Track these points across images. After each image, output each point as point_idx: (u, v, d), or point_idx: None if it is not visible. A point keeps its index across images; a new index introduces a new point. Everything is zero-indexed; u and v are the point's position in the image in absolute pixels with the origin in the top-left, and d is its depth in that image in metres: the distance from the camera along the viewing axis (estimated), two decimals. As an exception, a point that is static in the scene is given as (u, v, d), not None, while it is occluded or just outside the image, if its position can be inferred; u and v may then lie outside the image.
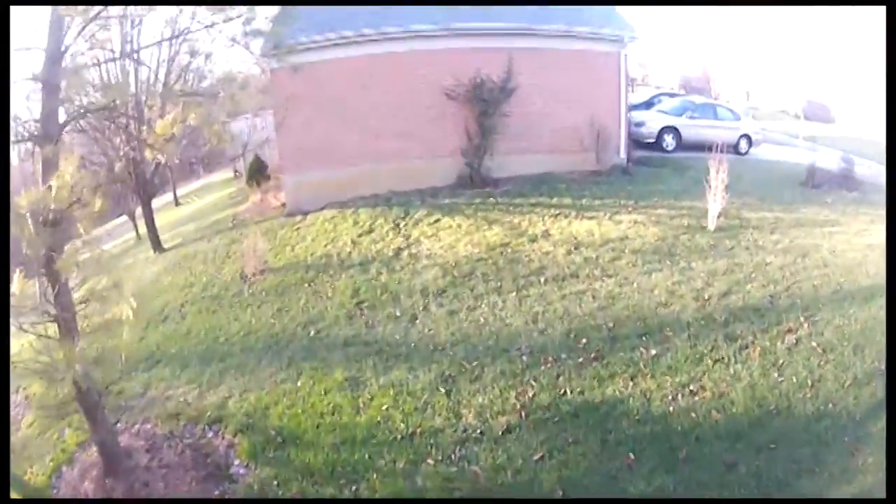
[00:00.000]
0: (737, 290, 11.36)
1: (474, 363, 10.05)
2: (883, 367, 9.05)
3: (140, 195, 18.72)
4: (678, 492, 7.71)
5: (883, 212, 14.68)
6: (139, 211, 20.17)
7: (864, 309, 10.43)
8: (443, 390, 9.56)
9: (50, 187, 7.00)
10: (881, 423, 8.19)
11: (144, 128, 8.99)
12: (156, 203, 20.01)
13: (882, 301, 10.36)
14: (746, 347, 9.88)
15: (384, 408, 9.38)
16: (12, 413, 10.52)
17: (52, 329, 7.74)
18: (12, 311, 7.15)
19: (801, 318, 10.38)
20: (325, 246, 14.93)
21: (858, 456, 7.89)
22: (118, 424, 9.80)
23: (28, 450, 9.50)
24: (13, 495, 9.04)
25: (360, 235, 15.13)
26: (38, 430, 10.22)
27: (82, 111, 8.91)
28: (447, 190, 17.33)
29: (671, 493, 7.71)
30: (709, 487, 7.75)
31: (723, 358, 9.71)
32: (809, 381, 9.11)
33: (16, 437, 9.86)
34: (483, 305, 11.61)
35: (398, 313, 11.72)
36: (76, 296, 7.83)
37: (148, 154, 8.97)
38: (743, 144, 22.03)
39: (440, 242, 14.28)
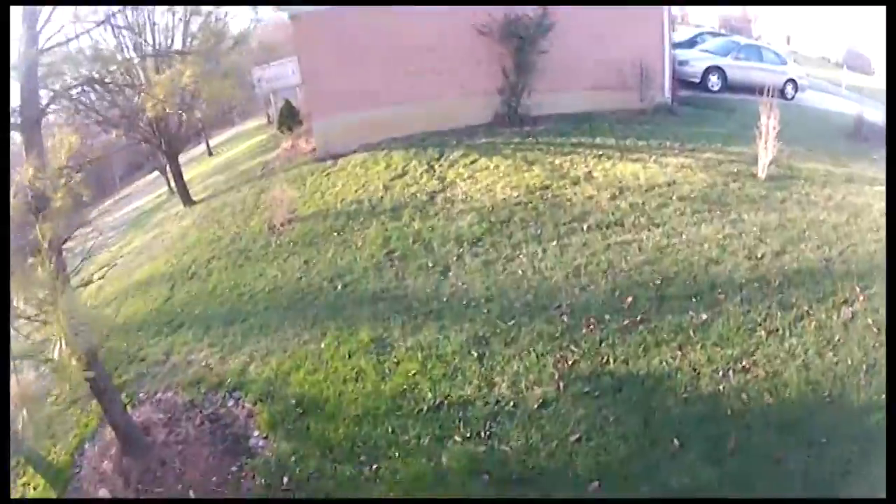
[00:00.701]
0: (791, 250, 10.13)
1: (510, 322, 9.07)
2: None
3: (165, 151, 17.77)
4: (723, 489, 6.75)
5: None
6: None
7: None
8: (475, 354, 8.63)
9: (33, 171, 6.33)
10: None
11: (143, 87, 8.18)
12: (190, 154, 19.07)
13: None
14: (801, 319, 8.72)
15: (411, 374, 8.51)
16: (40, 386, 9.98)
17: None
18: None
19: (857, 289, 9.13)
20: (356, 191, 13.77)
21: None
22: (140, 394, 9.35)
23: (52, 427, 9.09)
24: (36, 477, 8.76)
25: (392, 179, 13.91)
26: (63, 405, 9.62)
27: (77, 83, 8.14)
28: (484, 129, 15.90)
29: (715, 489, 6.75)
30: (753, 486, 6.78)
31: (777, 329, 8.58)
32: (864, 366, 7.94)
33: (41, 414, 9.25)
34: (521, 256, 10.55)
35: (430, 264, 10.72)
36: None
37: (150, 112, 8.08)
38: (789, 89, 20.25)
39: (477, 185, 13.07)
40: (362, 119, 15.70)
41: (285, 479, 7.54)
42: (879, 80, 27.64)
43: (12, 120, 6.62)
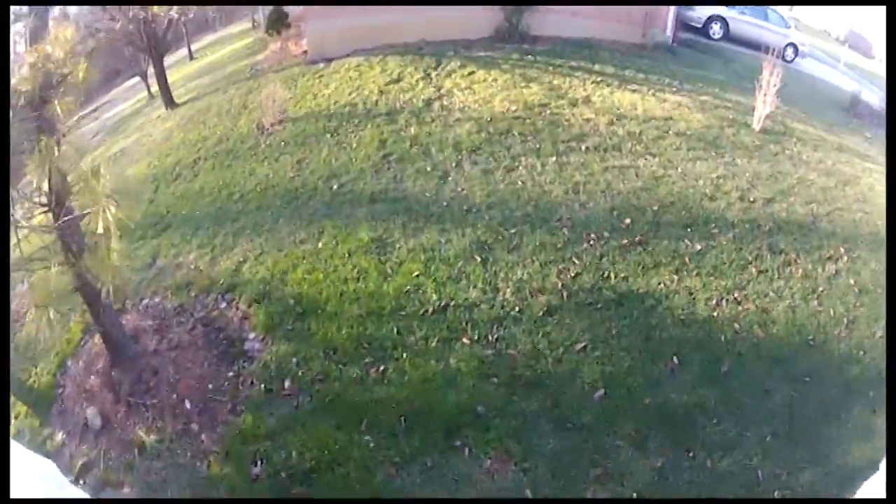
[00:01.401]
0: (780, 200, 10.44)
1: (512, 230, 9.11)
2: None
3: (151, 53, 16.89)
4: (717, 408, 7.11)
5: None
6: (151, 70, 18.37)
7: (898, 261, 9.53)
8: (478, 259, 8.64)
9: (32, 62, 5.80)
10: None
11: None
12: (169, 59, 18.15)
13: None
14: (789, 265, 9.08)
15: (414, 275, 8.43)
16: (17, 305, 9.40)
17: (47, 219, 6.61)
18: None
19: (842, 249, 9.55)
20: (350, 94, 13.33)
21: (879, 415, 7.29)
22: (126, 301, 8.77)
23: (31, 347, 8.56)
24: (17, 404, 8.26)
25: (387, 84, 13.51)
26: (40, 322, 9.00)
27: None
28: (482, 43, 15.55)
29: (711, 408, 7.10)
30: (746, 411, 7.16)
31: (766, 270, 8.92)
32: (845, 320, 8.39)
33: (19, 336, 8.81)
34: (520, 168, 10.52)
35: (429, 168, 10.56)
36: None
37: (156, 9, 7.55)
38: (789, 52, 20.51)
39: (474, 96, 12.85)
40: (358, 23, 15.19)
41: (287, 383, 7.35)
42: (878, 65, 28.20)
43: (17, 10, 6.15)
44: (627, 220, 9.41)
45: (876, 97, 18.65)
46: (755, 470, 6.63)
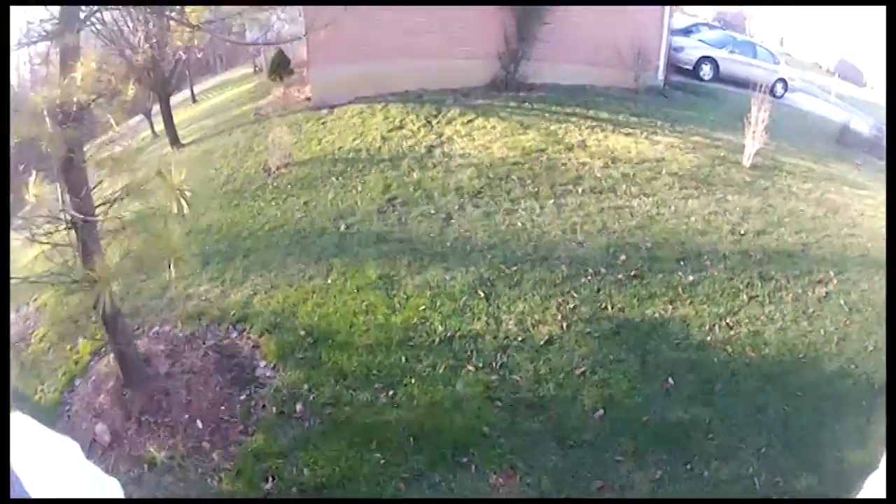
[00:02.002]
0: (771, 231, 11.05)
1: (513, 268, 9.67)
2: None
3: (158, 92, 17.62)
4: (713, 425, 7.57)
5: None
6: (155, 109, 19.11)
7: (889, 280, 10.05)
8: (482, 294, 9.19)
9: (73, 78, 6.21)
10: (896, 396, 8.09)
11: (173, 14, 8.08)
12: (172, 101, 18.91)
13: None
14: (780, 290, 9.64)
15: (421, 308, 8.96)
16: (23, 326, 9.75)
17: (69, 237, 7.15)
18: (22, 222, 6.57)
19: (831, 273, 10.12)
20: (354, 140, 14.00)
21: (872, 423, 7.74)
22: (136, 329, 9.09)
23: (39, 366, 8.99)
24: (22, 415, 8.38)
25: (390, 131, 14.22)
26: (49, 344, 9.48)
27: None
28: (481, 91, 16.37)
29: (706, 423, 7.57)
30: (741, 425, 7.62)
31: (758, 296, 9.48)
32: (835, 338, 8.92)
33: (25, 354, 9.28)
34: (520, 210, 11.15)
35: (433, 211, 11.17)
36: (98, 196, 7.27)
37: (177, 40, 8.15)
38: (779, 88, 21.26)
39: (474, 142, 13.57)
40: (361, 71, 15.87)
41: (298, 407, 7.75)
42: (869, 93, 28.96)
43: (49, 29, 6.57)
44: (623, 257, 9.98)
45: (866, 125, 19.35)
46: (752, 478, 7.04)
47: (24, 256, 10.09)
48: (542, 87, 16.65)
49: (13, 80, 7.29)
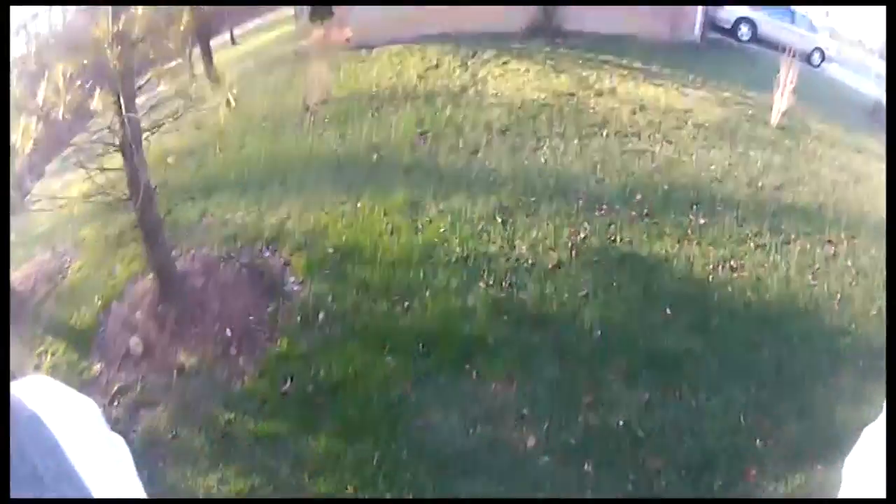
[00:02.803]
0: (788, 188, 11.27)
1: (531, 199, 10.09)
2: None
3: (199, 33, 17.82)
4: (705, 356, 7.93)
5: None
6: (195, 53, 19.37)
7: (902, 251, 10.29)
8: (499, 220, 9.64)
9: (131, 12, 6.75)
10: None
11: None
12: (213, 43, 19.19)
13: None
14: (788, 243, 9.89)
15: (441, 231, 9.46)
16: (60, 262, 10.17)
17: (117, 161, 7.62)
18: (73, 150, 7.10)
19: (843, 235, 10.30)
20: (391, 78, 14.44)
21: (867, 384, 7.85)
22: (174, 251, 9.47)
23: (75, 294, 9.39)
24: (55, 343, 8.79)
25: (426, 70, 14.63)
26: (86, 273, 9.92)
27: None
28: (518, 35, 16.64)
29: (698, 355, 7.94)
30: (734, 360, 7.96)
31: (765, 245, 9.76)
32: (839, 296, 9.13)
33: (61, 286, 9.72)
34: (545, 147, 11.50)
35: (461, 145, 11.57)
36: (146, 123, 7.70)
37: None
38: (816, 57, 21.19)
39: (507, 84, 13.91)
40: (400, 12, 16.17)
41: (321, 315, 8.30)
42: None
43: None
44: (639, 196, 10.32)
45: (904, 106, 19.29)
46: (739, 414, 7.38)
47: (71, 191, 10.61)
48: (579, 35, 16.77)
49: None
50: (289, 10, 26.76)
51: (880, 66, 26.30)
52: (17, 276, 9.79)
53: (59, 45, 6.95)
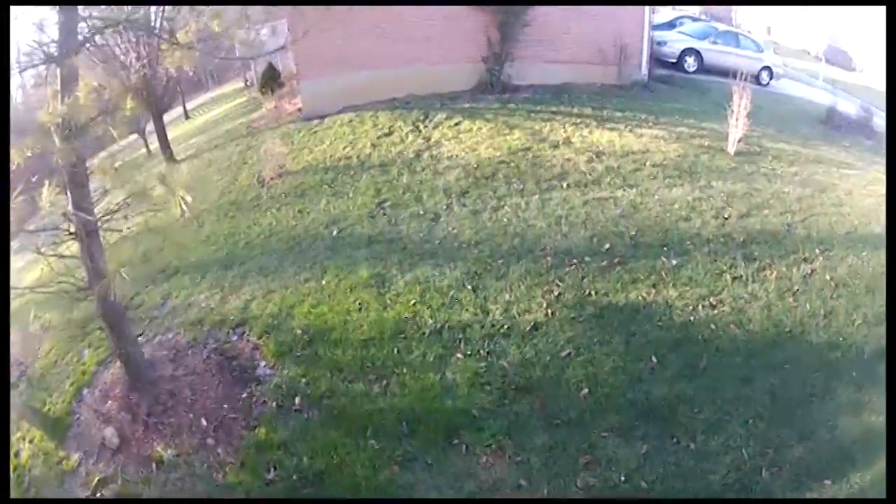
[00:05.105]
0: (755, 214, 11.45)
1: (499, 261, 10.14)
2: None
3: (152, 110, 18.20)
4: (697, 398, 7.99)
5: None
6: (149, 127, 19.66)
7: (877, 254, 10.50)
8: (469, 286, 9.67)
9: (76, 97, 6.82)
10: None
11: (163, 36, 8.61)
12: (165, 118, 19.51)
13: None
14: (763, 270, 10.03)
15: (411, 303, 9.45)
16: (28, 344, 10.17)
17: (73, 249, 7.70)
18: (27, 237, 7.22)
19: (817, 251, 10.52)
20: (344, 148, 14.60)
21: (865, 392, 8.15)
22: (140, 337, 9.60)
23: (46, 379, 9.50)
24: (31, 430, 8.94)
25: (379, 137, 14.81)
26: (55, 358, 10.04)
27: (101, 26, 8.26)
28: (467, 95, 16.98)
29: (691, 398, 7.99)
30: (727, 398, 8.03)
31: (741, 276, 9.87)
32: (822, 312, 9.32)
33: (33, 370, 9.85)
34: (506, 206, 11.62)
35: (421, 212, 11.68)
36: (101, 207, 7.76)
37: (168, 60, 8.68)
38: (764, 76, 21.90)
39: (461, 145, 14.10)
40: (349, 81, 16.47)
41: (297, 400, 8.28)
42: (859, 77, 29.54)
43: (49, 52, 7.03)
44: (607, 245, 10.42)
45: (853, 107, 19.88)
46: (740, 449, 7.44)
47: (29, 276, 10.66)
48: (527, 88, 17.20)
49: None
50: (239, 82, 27.24)
51: (826, 71, 27.25)
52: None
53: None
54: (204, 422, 8.18)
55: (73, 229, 7.46)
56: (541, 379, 8.24)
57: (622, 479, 7.21)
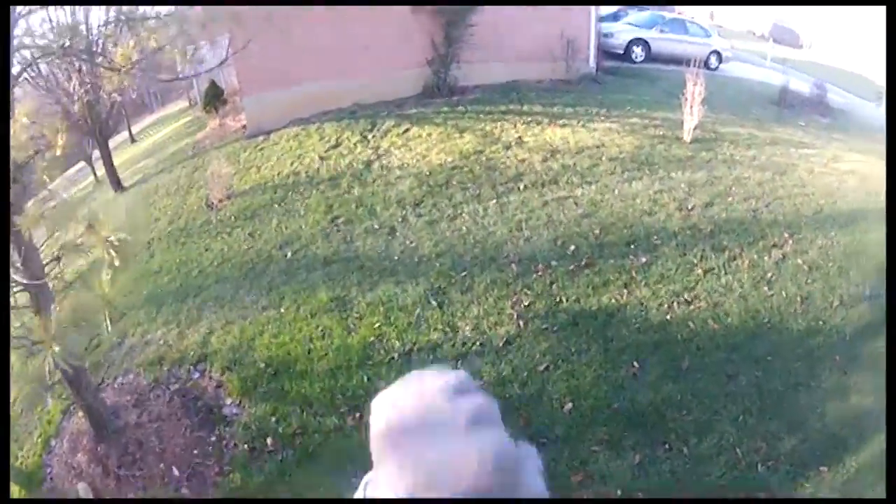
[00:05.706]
0: (719, 203, 11.34)
1: (463, 273, 9.75)
2: (868, 292, 9.40)
3: (96, 137, 17.59)
4: (684, 400, 7.73)
5: (858, 142, 15.75)
6: (96, 154, 19.05)
7: (846, 233, 10.52)
8: (434, 303, 9.26)
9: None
10: (870, 345, 8.41)
11: (102, 59, 8.10)
12: (111, 143, 18.92)
13: (865, 226, 10.76)
14: (734, 259, 9.89)
15: (376, 326, 9.01)
16: None
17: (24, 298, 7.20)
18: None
19: (786, 235, 10.45)
20: (292, 164, 14.15)
21: (850, 375, 8.07)
22: (100, 383, 9.19)
23: (15, 430, 9.01)
24: (12, 484, 8.53)
25: (327, 150, 14.36)
26: (20, 408, 9.46)
27: (37, 56, 7.86)
28: (414, 100, 16.67)
29: (677, 401, 7.73)
30: (713, 397, 7.81)
31: (713, 269, 9.70)
32: (799, 298, 9.22)
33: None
34: (464, 214, 11.26)
35: (376, 226, 11.25)
36: (46, 254, 7.31)
37: (108, 85, 8.17)
38: (713, 60, 22.08)
39: (411, 152, 13.73)
40: (293, 94, 16.03)
41: (269, 441, 7.79)
42: (808, 53, 29.96)
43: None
44: (572, 247, 10.11)
45: (805, 85, 20.03)
46: (733, 448, 7.22)
47: None
48: (475, 89, 16.98)
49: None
50: (184, 102, 26.68)
51: (774, 50, 27.58)
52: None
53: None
54: (175, 471, 7.72)
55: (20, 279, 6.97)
56: (520, 396, 7.85)
57: (619, 493, 6.91)
